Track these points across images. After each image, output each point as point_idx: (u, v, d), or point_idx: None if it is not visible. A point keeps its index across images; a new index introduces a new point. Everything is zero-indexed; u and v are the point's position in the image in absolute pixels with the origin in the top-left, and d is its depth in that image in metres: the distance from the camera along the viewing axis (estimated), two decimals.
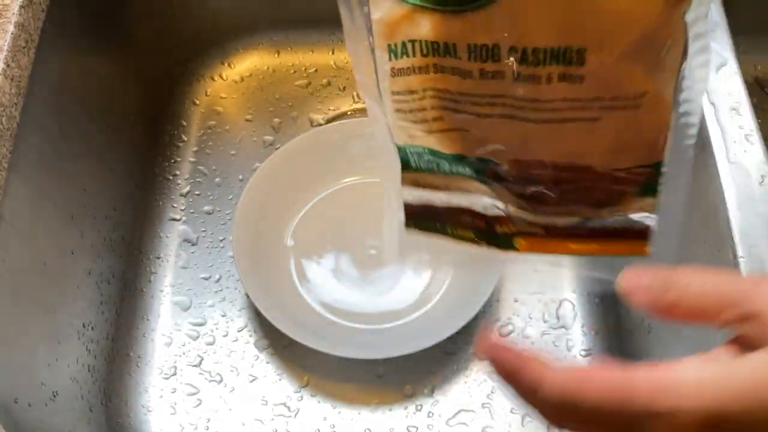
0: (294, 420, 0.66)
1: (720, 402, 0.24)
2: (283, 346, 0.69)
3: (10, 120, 0.54)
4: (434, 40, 0.27)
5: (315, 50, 0.85)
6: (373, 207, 0.74)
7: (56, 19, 0.61)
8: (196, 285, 0.73)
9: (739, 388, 0.24)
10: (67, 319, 0.62)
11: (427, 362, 0.68)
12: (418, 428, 0.66)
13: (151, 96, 0.80)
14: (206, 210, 0.77)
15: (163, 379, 0.68)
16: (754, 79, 0.83)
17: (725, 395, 0.24)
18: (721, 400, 0.24)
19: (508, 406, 0.66)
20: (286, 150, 0.74)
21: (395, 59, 0.28)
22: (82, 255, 0.66)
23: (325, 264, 0.72)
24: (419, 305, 0.70)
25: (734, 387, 0.24)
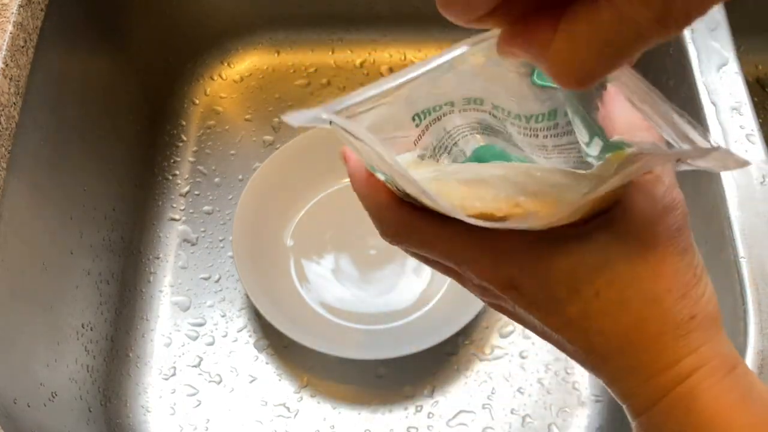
0: (293, 420, 0.66)
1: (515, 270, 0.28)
2: (283, 347, 0.69)
3: (9, 120, 0.53)
4: None
5: (315, 50, 0.85)
6: None
7: (55, 19, 0.61)
8: (196, 285, 0.73)
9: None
10: (66, 319, 0.62)
11: (427, 363, 0.68)
12: (418, 429, 0.65)
13: (150, 95, 0.80)
14: (206, 210, 0.77)
15: (162, 379, 0.68)
16: (755, 78, 0.83)
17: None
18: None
19: (508, 407, 0.66)
20: (286, 150, 0.74)
21: None
22: (82, 255, 0.66)
23: (324, 264, 0.72)
24: (419, 306, 0.69)
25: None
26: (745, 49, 0.78)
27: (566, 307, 0.28)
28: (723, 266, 0.53)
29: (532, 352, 0.68)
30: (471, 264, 0.29)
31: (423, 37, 0.85)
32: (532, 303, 0.29)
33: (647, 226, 0.28)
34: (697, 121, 0.57)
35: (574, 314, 0.28)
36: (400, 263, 0.72)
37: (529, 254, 0.28)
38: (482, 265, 0.29)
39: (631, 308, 0.27)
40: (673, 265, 0.28)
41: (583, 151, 0.29)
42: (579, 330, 0.28)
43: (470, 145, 0.31)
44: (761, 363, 0.49)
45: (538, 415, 0.66)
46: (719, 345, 0.28)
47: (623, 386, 0.29)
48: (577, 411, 0.66)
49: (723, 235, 0.53)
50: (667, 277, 0.28)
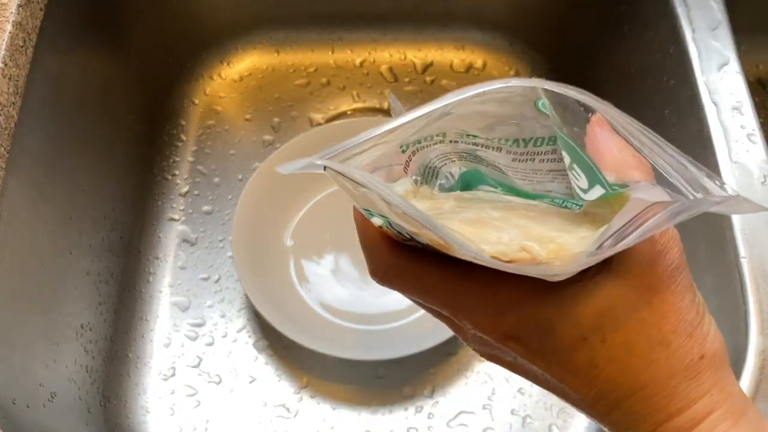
0: (293, 421, 0.66)
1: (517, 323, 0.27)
2: (283, 347, 0.69)
3: (8, 119, 0.53)
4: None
5: (314, 49, 0.85)
6: None
7: (54, 19, 0.61)
8: (195, 285, 0.72)
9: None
10: (65, 319, 0.62)
11: (427, 363, 0.68)
12: (418, 429, 0.65)
13: (149, 95, 0.80)
14: (205, 210, 0.77)
15: (161, 380, 0.68)
16: (756, 78, 0.83)
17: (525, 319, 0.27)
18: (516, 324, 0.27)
19: (508, 408, 0.66)
20: (285, 150, 0.74)
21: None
22: (81, 255, 0.65)
23: (324, 264, 0.72)
24: (419, 306, 0.69)
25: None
26: (746, 48, 0.78)
27: (572, 355, 0.27)
28: (723, 266, 0.53)
29: None
30: (469, 313, 0.28)
31: (423, 36, 0.85)
32: (536, 353, 0.28)
33: (647, 267, 0.27)
34: (698, 120, 0.57)
35: (580, 363, 0.27)
36: None
37: (532, 303, 0.27)
38: (482, 314, 0.28)
39: (639, 352, 0.27)
40: (676, 305, 0.27)
41: (576, 193, 0.28)
42: (586, 379, 0.27)
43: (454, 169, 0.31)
44: (761, 363, 0.49)
45: (538, 415, 0.66)
46: (730, 386, 0.28)
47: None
48: (577, 411, 0.66)
49: (723, 235, 0.53)
50: (671, 318, 0.27)
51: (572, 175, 0.28)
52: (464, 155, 0.30)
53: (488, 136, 0.29)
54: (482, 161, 0.30)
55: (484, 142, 0.29)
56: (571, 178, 0.28)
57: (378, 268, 0.30)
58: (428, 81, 0.83)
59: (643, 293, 0.27)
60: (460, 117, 0.28)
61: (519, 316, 0.27)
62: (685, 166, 0.24)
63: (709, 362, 0.27)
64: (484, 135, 0.29)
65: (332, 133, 0.76)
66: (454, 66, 0.84)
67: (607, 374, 0.27)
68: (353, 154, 0.27)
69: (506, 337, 0.28)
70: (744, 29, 0.66)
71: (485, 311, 0.28)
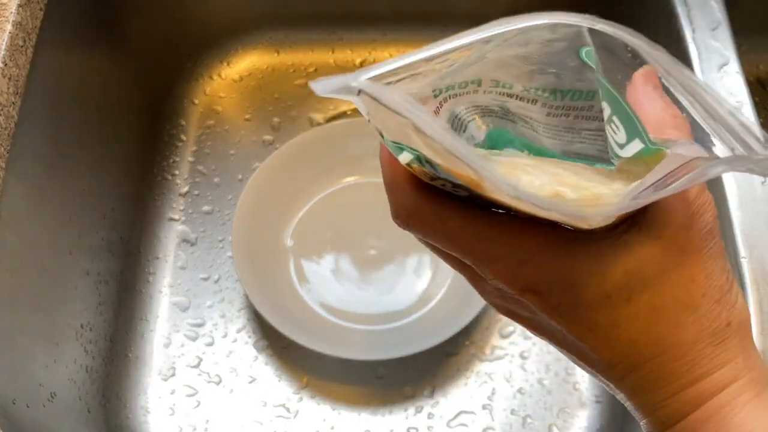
0: (293, 421, 0.66)
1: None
2: (283, 347, 0.69)
3: (8, 119, 0.53)
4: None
5: (315, 49, 0.85)
6: (373, 207, 0.74)
7: (54, 19, 0.61)
8: (195, 285, 0.72)
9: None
10: (65, 319, 0.62)
11: (427, 363, 0.68)
12: (419, 429, 0.65)
13: (149, 95, 0.80)
14: (205, 210, 0.76)
15: (161, 380, 0.68)
16: (755, 78, 0.83)
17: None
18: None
19: (508, 408, 0.66)
20: (285, 150, 0.74)
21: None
22: (80, 255, 0.65)
23: (324, 264, 0.72)
24: (419, 306, 0.69)
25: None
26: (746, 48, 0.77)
27: (595, 313, 0.26)
28: None
29: (533, 353, 0.68)
30: (492, 263, 0.27)
31: (423, 36, 0.85)
32: (556, 309, 0.27)
33: (680, 229, 0.26)
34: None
35: (602, 321, 0.26)
36: (400, 263, 0.71)
37: (556, 256, 0.26)
38: (505, 264, 0.27)
39: (665, 314, 0.26)
40: (707, 270, 0.27)
41: (612, 150, 0.27)
42: (606, 339, 0.26)
43: (482, 127, 0.29)
44: None
45: (538, 415, 0.66)
46: (754, 357, 0.27)
47: (648, 399, 0.27)
48: (577, 412, 0.66)
49: (724, 235, 0.53)
50: (701, 282, 0.26)
51: (610, 129, 0.27)
52: (494, 111, 0.29)
53: (526, 85, 0.27)
54: (512, 117, 0.29)
55: (519, 93, 0.28)
56: (608, 132, 0.27)
57: (401, 209, 0.28)
58: None
59: (674, 255, 0.26)
60: (497, 62, 0.26)
61: (541, 268, 0.26)
62: (731, 120, 0.24)
63: (736, 330, 0.27)
64: (522, 84, 0.27)
65: (332, 133, 0.76)
66: None
67: (629, 335, 0.26)
68: (386, 81, 0.25)
69: (526, 289, 0.27)
70: (744, 29, 0.66)
71: (507, 261, 0.26)
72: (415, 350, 0.64)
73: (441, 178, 0.26)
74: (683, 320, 0.26)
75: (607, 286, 0.26)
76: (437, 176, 0.26)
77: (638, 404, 0.28)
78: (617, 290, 0.26)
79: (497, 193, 0.24)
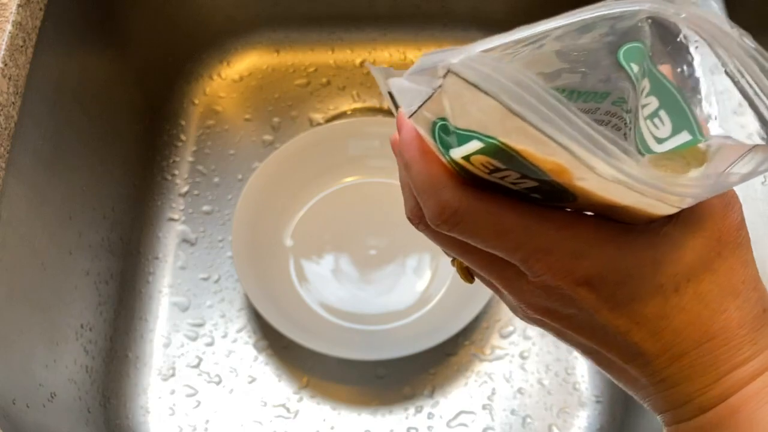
0: (293, 421, 0.66)
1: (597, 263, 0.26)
2: (283, 347, 0.69)
3: (8, 119, 0.53)
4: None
5: (315, 49, 0.85)
6: (373, 207, 0.74)
7: (54, 18, 0.61)
8: (195, 285, 0.72)
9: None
10: (65, 319, 0.62)
11: (427, 363, 0.68)
12: (418, 429, 0.65)
13: (149, 95, 0.80)
14: (205, 210, 0.76)
15: (161, 380, 0.68)
16: None
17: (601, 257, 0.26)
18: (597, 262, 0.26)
19: (508, 407, 0.66)
20: (285, 149, 0.74)
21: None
22: (81, 255, 0.65)
23: (324, 264, 0.72)
24: (419, 306, 0.69)
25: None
26: None
27: (644, 304, 0.27)
28: None
29: (533, 353, 0.68)
30: (545, 256, 0.26)
31: (423, 36, 0.85)
32: (607, 301, 0.27)
33: (718, 220, 0.28)
34: None
35: (651, 313, 0.27)
36: (400, 263, 0.71)
37: (612, 248, 0.26)
38: (558, 257, 0.26)
39: (710, 302, 0.27)
40: (742, 258, 0.28)
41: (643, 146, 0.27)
42: (653, 330, 0.27)
43: None
44: None
45: (538, 415, 0.66)
46: None
47: (688, 387, 0.28)
48: (577, 412, 0.66)
49: None
50: (739, 270, 0.28)
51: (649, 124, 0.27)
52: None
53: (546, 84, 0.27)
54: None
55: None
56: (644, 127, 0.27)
57: (446, 208, 0.26)
58: None
59: (714, 245, 0.27)
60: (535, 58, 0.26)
61: (597, 260, 0.26)
62: None
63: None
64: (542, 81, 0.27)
65: (332, 133, 0.76)
66: None
67: (675, 325, 0.27)
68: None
69: (581, 282, 0.27)
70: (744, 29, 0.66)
71: (562, 253, 0.26)
72: (415, 350, 0.64)
73: (505, 169, 0.25)
74: (727, 306, 0.27)
75: (659, 277, 0.27)
76: (502, 168, 0.25)
77: (674, 394, 0.28)
78: (667, 280, 0.27)
79: (584, 179, 0.24)
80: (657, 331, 0.27)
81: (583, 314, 0.28)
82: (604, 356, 0.29)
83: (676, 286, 0.27)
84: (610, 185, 0.24)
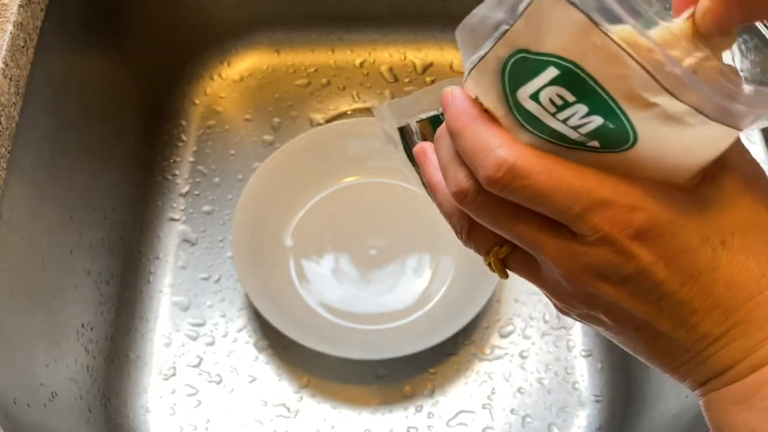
0: (294, 420, 0.66)
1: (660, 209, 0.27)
2: (283, 347, 0.69)
3: (9, 120, 0.53)
4: None
5: (315, 50, 0.85)
6: (373, 207, 0.74)
7: (55, 19, 0.61)
8: (195, 285, 0.73)
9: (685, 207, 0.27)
10: (65, 319, 0.62)
11: (427, 363, 0.68)
12: (418, 429, 0.65)
13: (150, 95, 0.80)
14: (205, 210, 0.77)
15: (162, 379, 0.68)
16: None
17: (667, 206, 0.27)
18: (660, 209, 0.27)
19: (508, 407, 0.66)
20: (285, 150, 0.74)
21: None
22: (81, 255, 0.66)
23: (324, 264, 0.72)
24: (419, 306, 0.69)
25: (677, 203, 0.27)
26: None
27: (696, 256, 0.27)
28: None
29: (533, 352, 0.68)
30: (604, 209, 0.27)
31: (423, 37, 0.85)
32: (662, 255, 0.27)
33: (749, 181, 0.29)
34: None
35: (703, 264, 0.27)
36: (400, 263, 0.72)
37: (664, 202, 0.27)
38: (616, 211, 0.27)
39: (757, 254, 0.28)
40: None
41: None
42: (706, 283, 0.27)
43: None
44: None
45: (538, 415, 0.66)
46: None
47: (743, 344, 0.28)
48: (577, 411, 0.66)
49: None
50: None
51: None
52: None
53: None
54: None
55: None
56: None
57: (503, 163, 0.27)
58: (428, 81, 0.83)
59: (749, 203, 0.28)
60: None
61: (652, 212, 0.27)
62: None
63: None
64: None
65: (332, 133, 0.76)
66: (454, 66, 0.84)
67: (727, 277, 0.27)
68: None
69: (639, 234, 0.27)
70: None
71: (619, 206, 0.27)
72: (414, 350, 0.64)
73: (574, 103, 0.26)
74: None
75: (705, 229, 0.27)
76: (571, 102, 0.26)
77: (727, 353, 0.28)
78: (713, 233, 0.27)
79: (653, 104, 0.25)
80: (710, 283, 0.27)
81: (638, 274, 0.28)
82: (652, 330, 0.29)
83: (722, 239, 0.27)
84: (677, 107, 0.25)
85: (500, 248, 0.32)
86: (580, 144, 0.27)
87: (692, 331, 0.28)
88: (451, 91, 0.29)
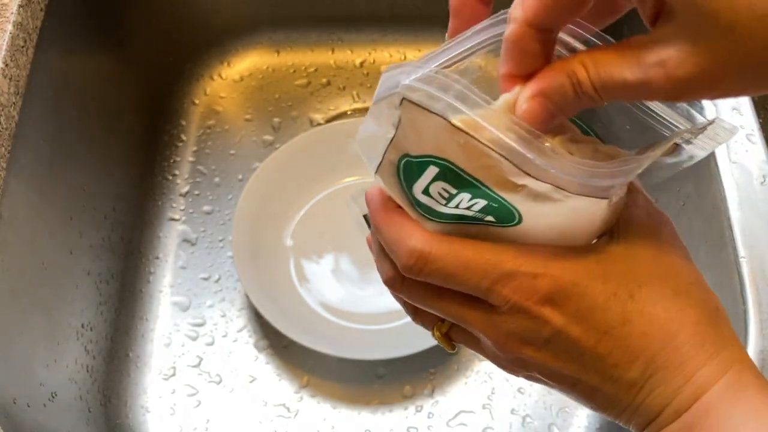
0: (294, 420, 0.66)
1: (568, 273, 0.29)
2: (283, 347, 0.69)
3: (9, 120, 0.53)
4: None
5: (315, 50, 0.85)
6: None
7: (55, 19, 0.61)
8: (196, 285, 0.73)
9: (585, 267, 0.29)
10: (65, 319, 0.62)
11: (427, 363, 0.68)
12: (418, 429, 0.65)
13: (150, 95, 0.80)
14: (205, 210, 0.77)
15: (162, 379, 0.68)
16: None
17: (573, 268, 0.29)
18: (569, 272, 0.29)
19: (508, 407, 0.66)
20: (285, 150, 0.74)
21: None
22: (81, 255, 0.66)
23: (324, 264, 0.72)
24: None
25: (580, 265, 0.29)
26: None
27: (606, 313, 0.28)
28: (723, 266, 0.53)
29: None
30: (510, 281, 0.28)
31: (423, 37, 0.85)
32: (573, 316, 0.28)
33: (653, 233, 0.30)
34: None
35: (613, 320, 0.28)
36: None
37: (565, 265, 0.28)
38: (521, 280, 0.28)
39: (666, 303, 0.28)
40: (686, 264, 0.30)
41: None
42: (620, 337, 0.28)
43: None
44: (761, 363, 0.49)
45: (538, 415, 0.66)
46: (739, 342, 0.30)
47: (665, 390, 0.28)
48: (577, 411, 0.66)
49: (723, 235, 0.53)
50: (685, 274, 0.30)
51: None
52: None
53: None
54: None
55: None
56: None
57: (414, 251, 0.29)
58: None
59: (654, 254, 0.30)
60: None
61: (555, 277, 0.28)
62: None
63: (723, 315, 0.30)
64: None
65: (332, 133, 0.76)
66: None
67: (641, 328, 0.28)
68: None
69: (546, 300, 0.28)
70: None
71: (524, 273, 0.28)
72: (414, 350, 0.64)
73: (458, 193, 0.28)
74: (682, 305, 0.29)
75: (611, 285, 0.28)
76: (454, 193, 0.28)
77: (653, 401, 0.29)
78: (620, 288, 0.28)
79: (521, 185, 0.27)
80: (624, 337, 0.28)
81: (555, 336, 0.29)
82: (586, 385, 0.30)
83: (631, 293, 0.28)
84: (540, 186, 0.27)
85: (441, 324, 0.34)
86: (479, 219, 0.29)
87: (618, 382, 0.29)
88: (371, 191, 0.32)
